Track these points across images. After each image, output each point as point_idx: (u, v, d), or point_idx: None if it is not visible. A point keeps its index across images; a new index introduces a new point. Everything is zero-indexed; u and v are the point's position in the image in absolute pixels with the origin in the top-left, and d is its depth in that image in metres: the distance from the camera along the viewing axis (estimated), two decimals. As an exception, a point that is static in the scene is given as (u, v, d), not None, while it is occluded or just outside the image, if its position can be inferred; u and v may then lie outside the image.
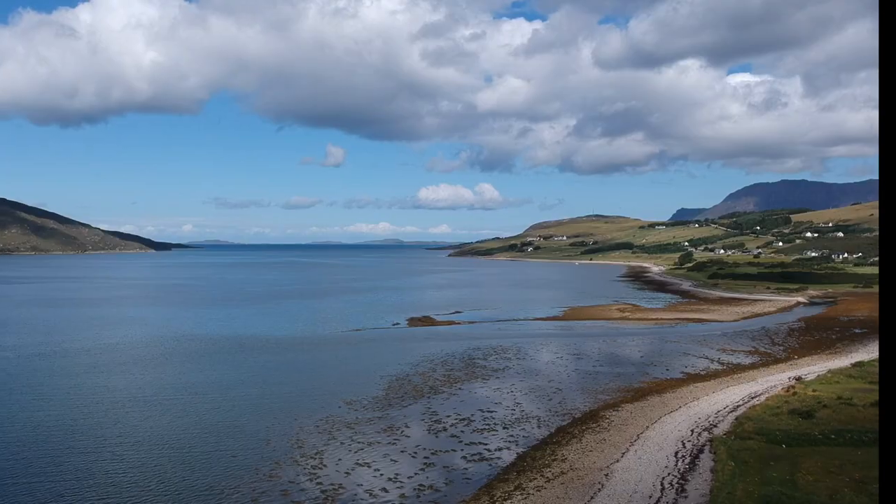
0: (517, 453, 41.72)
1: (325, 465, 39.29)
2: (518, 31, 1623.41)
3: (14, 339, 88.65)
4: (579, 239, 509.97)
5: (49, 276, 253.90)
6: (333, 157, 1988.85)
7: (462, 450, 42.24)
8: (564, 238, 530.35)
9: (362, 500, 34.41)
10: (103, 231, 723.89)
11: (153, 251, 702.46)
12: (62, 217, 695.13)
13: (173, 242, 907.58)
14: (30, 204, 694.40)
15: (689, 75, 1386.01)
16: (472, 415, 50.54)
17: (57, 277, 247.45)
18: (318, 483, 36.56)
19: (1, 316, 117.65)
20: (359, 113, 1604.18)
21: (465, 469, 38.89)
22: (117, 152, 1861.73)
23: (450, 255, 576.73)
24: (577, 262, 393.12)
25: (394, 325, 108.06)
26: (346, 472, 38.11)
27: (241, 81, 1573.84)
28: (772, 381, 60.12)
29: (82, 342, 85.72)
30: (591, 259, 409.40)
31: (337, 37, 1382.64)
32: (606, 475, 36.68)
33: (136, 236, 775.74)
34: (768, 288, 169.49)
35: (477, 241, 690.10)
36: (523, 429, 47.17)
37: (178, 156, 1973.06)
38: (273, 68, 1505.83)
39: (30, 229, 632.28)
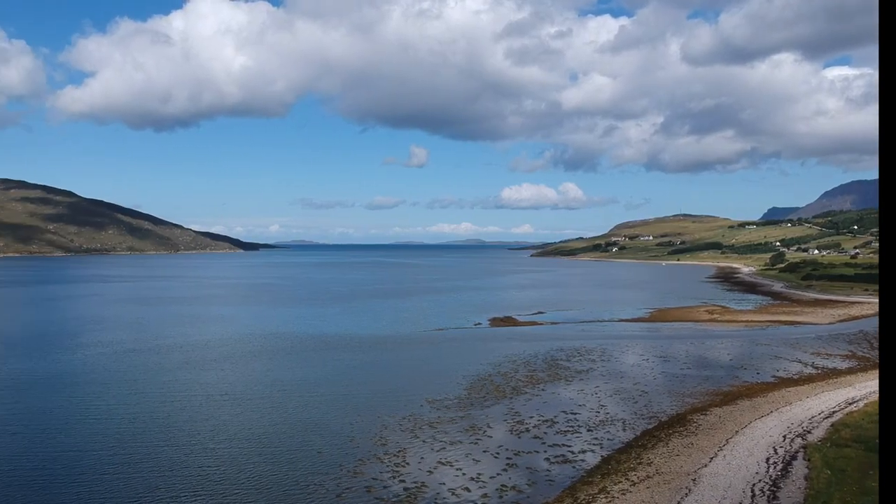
0: (601, 456, 41.09)
1: (407, 464, 39.52)
2: (604, 28, 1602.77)
3: (111, 335, 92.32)
4: (666, 239, 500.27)
5: (143, 276, 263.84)
6: (416, 157, 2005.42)
7: (545, 451, 41.86)
8: (650, 238, 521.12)
9: (445, 498, 34.45)
10: (194, 232, 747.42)
11: (241, 251, 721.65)
12: (156, 218, 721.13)
13: (260, 242, 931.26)
14: (126, 206, 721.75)
15: (784, 70, 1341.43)
16: (555, 416, 50.04)
17: (151, 276, 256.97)
18: (402, 481, 36.79)
19: (99, 313, 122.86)
20: (442, 113, 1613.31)
21: (548, 471, 38.51)
22: (208, 155, 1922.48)
23: (532, 256, 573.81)
24: (663, 263, 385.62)
25: (475, 325, 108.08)
26: (429, 471, 38.23)
27: (326, 84, 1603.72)
28: (871, 387, 57.50)
29: (175, 339, 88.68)
30: (678, 259, 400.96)
31: (420, 38, 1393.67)
32: (694, 480, 35.74)
33: (226, 237, 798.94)
34: (866, 290, 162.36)
35: (560, 242, 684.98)
36: (608, 431, 46.44)
37: (266, 158, 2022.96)
38: (357, 70, 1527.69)
39: (126, 230, 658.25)
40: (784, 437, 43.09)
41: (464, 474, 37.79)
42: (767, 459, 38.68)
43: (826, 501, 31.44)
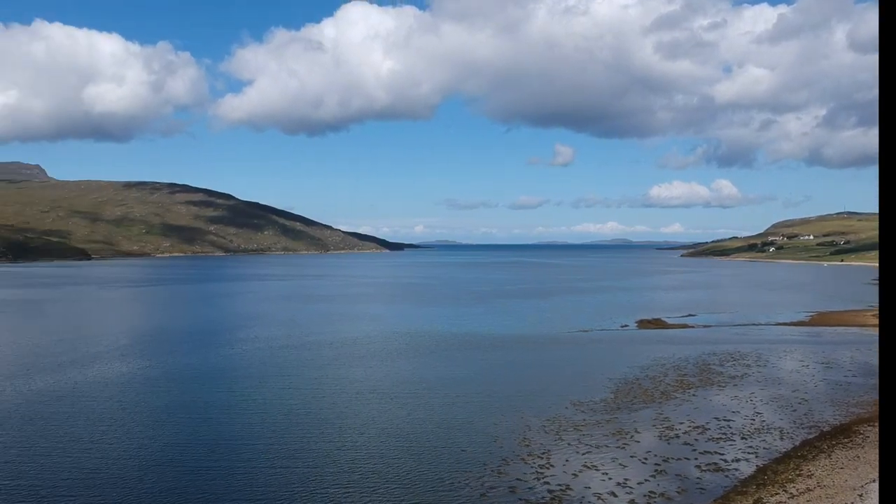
0: (756, 465, 39.05)
1: (552, 465, 39.01)
2: (761, 18, 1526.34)
3: (266, 331, 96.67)
4: (828, 238, 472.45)
5: (295, 274, 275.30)
6: (561, 156, 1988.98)
7: (696, 458, 40.23)
8: (811, 237, 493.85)
9: (590, 502, 33.73)
10: (343, 232, 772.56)
11: (387, 251, 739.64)
12: (308, 219, 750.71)
13: (405, 242, 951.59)
14: (280, 207, 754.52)
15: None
16: (707, 423, 48.02)
17: (302, 275, 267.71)
18: (546, 482, 36.34)
19: (255, 310, 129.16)
20: (588, 110, 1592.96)
21: (699, 479, 36.97)
22: (357, 158, 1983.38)
23: (682, 256, 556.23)
24: (825, 264, 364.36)
25: (622, 326, 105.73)
26: (574, 474, 37.57)
27: (472, 85, 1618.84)
28: None
29: (325, 335, 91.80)
30: (842, 260, 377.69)
31: (566, 35, 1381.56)
32: (860, 496, 33.26)
33: (372, 237, 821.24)
34: None
35: (713, 241, 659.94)
36: (763, 440, 44.10)
37: (413, 159, 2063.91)
38: (502, 70, 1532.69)
39: (280, 231, 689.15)
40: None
41: (610, 479, 36.89)
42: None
43: None
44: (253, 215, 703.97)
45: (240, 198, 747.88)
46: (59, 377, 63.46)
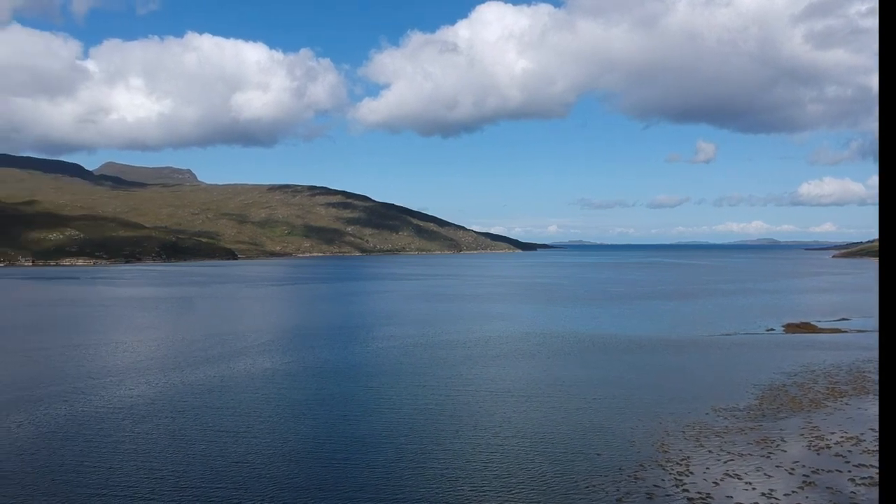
0: (919, 482, 36.10)
1: (691, 473, 37.58)
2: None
3: (400, 329, 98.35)
4: None
5: (428, 274, 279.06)
6: (703, 152, 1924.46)
7: (849, 471, 37.72)
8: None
9: (733, 514, 32.23)
10: (475, 232, 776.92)
11: (519, 251, 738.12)
12: (441, 220, 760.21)
13: (538, 243, 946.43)
14: (415, 208, 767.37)
15: None
16: (862, 433, 44.96)
17: (435, 275, 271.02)
18: (685, 490, 35.05)
19: (390, 308, 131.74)
20: (731, 105, 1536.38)
21: (853, 493, 34.60)
22: (490, 158, 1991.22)
23: (834, 257, 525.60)
24: None
25: (768, 330, 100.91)
26: (715, 482, 36.04)
27: (608, 81, 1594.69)
28: None
29: (458, 335, 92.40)
30: None
31: (708, 27, 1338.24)
32: None
33: (504, 237, 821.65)
34: None
35: (869, 241, 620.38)
36: (927, 454, 40.76)
37: (546, 159, 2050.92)
38: (639, 66, 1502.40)
39: (414, 231, 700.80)
40: None
41: (754, 489, 35.14)
42: None
43: None
44: (388, 216, 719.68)
45: (376, 199, 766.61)
46: (208, 371, 66.86)
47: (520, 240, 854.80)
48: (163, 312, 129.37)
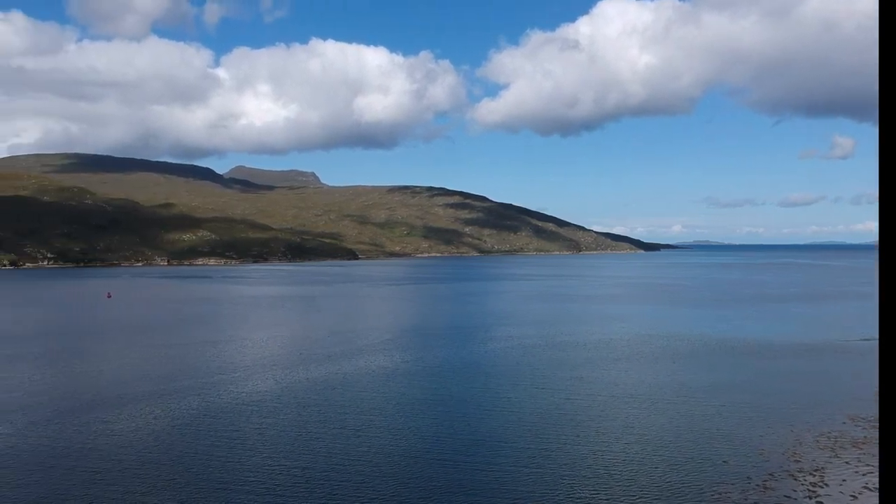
0: None
1: (826, 484, 35.58)
2: None
3: (518, 330, 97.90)
4: None
5: (546, 274, 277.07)
6: (840, 148, 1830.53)
7: None
8: None
9: (875, 531, 30.27)
10: (595, 232, 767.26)
11: (642, 251, 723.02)
12: (560, 220, 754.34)
13: (661, 243, 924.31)
14: (533, 208, 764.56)
15: None
16: None
17: (553, 275, 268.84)
18: (819, 502, 33.20)
19: (507, 308, 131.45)
20: (872, 97, 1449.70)
21: None
22: (611, 157, 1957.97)
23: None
24: None
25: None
26: (852, 496, 33.99)
27: (735, 75, 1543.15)
28: None
29: (577, 336, 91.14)
30: None
31: (846, 14, 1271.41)
32: None
33: (626, 237, 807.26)
34: None
35: None
36: None
37: (670, 156, 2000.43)
38: (770, 58, 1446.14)
39: (532, 232, 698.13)
40: None
41: (898, 506, 32.83)
42: None
43: None
44: (507, 216, 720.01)
45: (494, 200, 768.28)
46: (330, 368, 68.55)
47: (642, 240, 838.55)
48: (288, 310, 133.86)
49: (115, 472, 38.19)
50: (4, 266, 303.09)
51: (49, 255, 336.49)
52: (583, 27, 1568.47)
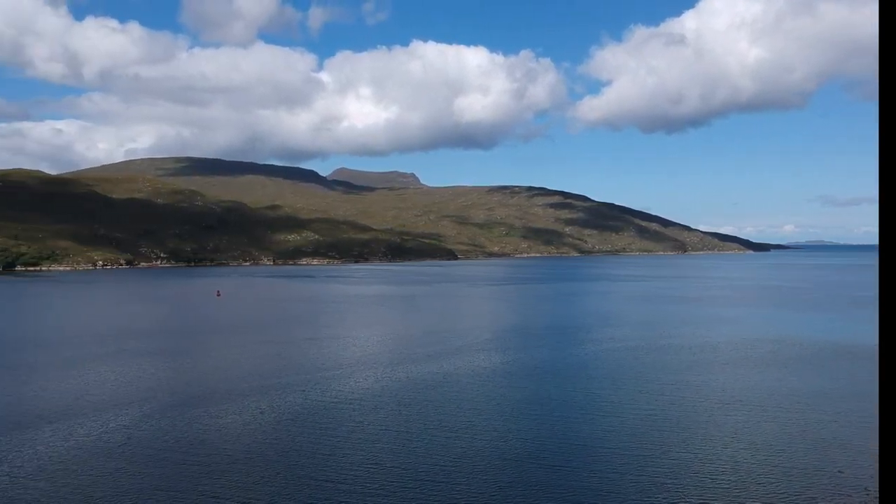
0: None
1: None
2: None
3: (620, 331, 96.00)
4: None
5: (649, 275, 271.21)
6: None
7: None
8: None
9: None
10: (702, 232, 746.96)
11: (751, 252, 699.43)
12: (665, 220, 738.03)
13: (772, 243, 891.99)
14: (636, 208, 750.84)
15: None
16: None
17: (656, 276, 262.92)
18: (949, 521, 30.98)
19: (609, 309, 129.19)
20: None
21: None
22: (718, 154, 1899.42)
23: None
24: None
25: None
26: None
27: (854, 67, 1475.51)
28: None
29: (680, 339, 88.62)
30: None
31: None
32: None
33: (735, 237, 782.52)
34: None
35: None
36: None
37: (782, 153, 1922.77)
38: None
39: (635, 232, 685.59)
40: None
41: None
42: None
43: None
44: (609, 216, 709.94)
45: (595, 199, 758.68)
46: (430, 367, 68.85)
47: (751, 240, 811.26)
48: (388, 309, 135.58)
49: (224, 464, 39.35)
50: (121, 265, 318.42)
51: (162, 255, 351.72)
52: (688, 21, 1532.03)
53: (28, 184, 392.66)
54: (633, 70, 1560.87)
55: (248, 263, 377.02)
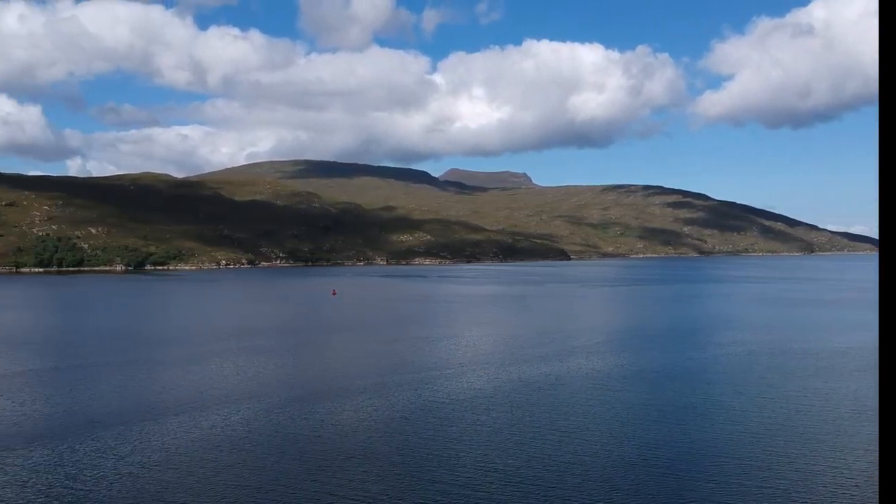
0: None
1: None
2: None
3: (741, 335, 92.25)
4: None
5: (772, 277, 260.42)
6: None
7: None
8: None
9: None
10: (830, 232, 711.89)
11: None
12: (790, 219, 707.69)
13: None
14: (760, 207, 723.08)
15: None
16: None
17: (780, 278, 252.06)
18: None
19: (730, 312, 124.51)
20: None
21: None
22: (850, 149, 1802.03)
23: None
24: None
25: None
26: None
27: None
28: None
29: (810, 343, 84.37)
30: None
31: None
32: None
33: (867, 237, 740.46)
34: None
35: None
36: None
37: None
38: None
39: (759, 231, 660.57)
40: None
41: None
42: None
43: None
44: (730, 215, 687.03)
45: (716, 198, 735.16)
46: (542, 368, 68.09)
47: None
48: (499, 309, 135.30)
49: (340, 459, 40.01)
50: (242, 265, 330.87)
51: (281, 255, 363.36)
52: (817, 11, 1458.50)
53: (157, 187, 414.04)
54: (756, 63, 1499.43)
55: (362, 263, 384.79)
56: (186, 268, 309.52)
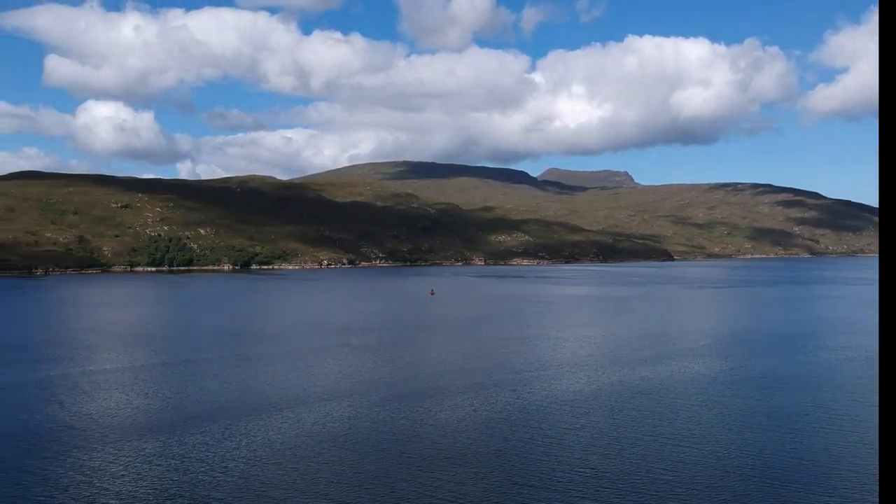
0: None
1: None
2: None
3: (857, 339, 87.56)
4: None
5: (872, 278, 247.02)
6: None
7: None
8: None
9: None
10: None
11: None
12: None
13: None
14: (876, 206, 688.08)
15: None
16: None
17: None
18: None
19: (841, 316, 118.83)
20: None
21: None
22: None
23: None
24: None
25: None
26: None
27: None
28: None
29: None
30: None
31: None
32: None
33: None
34: None
35: None
36: None
37: None
38: None
39: (876, 231, 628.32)
40: None
41: None
42: None
43: None
44: (845, 215, 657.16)
45: (829, 196, 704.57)
46: (643, 371, 66.63)
47: None
48: (599, 310, 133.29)
49: (439, 459, 40.19)
50: (343, 265, 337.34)
51: (381, 255, 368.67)
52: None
53: (262, 189, 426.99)
54: (873, 54, 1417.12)
55: (460, 263, 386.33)
56: (290, 267, 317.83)
